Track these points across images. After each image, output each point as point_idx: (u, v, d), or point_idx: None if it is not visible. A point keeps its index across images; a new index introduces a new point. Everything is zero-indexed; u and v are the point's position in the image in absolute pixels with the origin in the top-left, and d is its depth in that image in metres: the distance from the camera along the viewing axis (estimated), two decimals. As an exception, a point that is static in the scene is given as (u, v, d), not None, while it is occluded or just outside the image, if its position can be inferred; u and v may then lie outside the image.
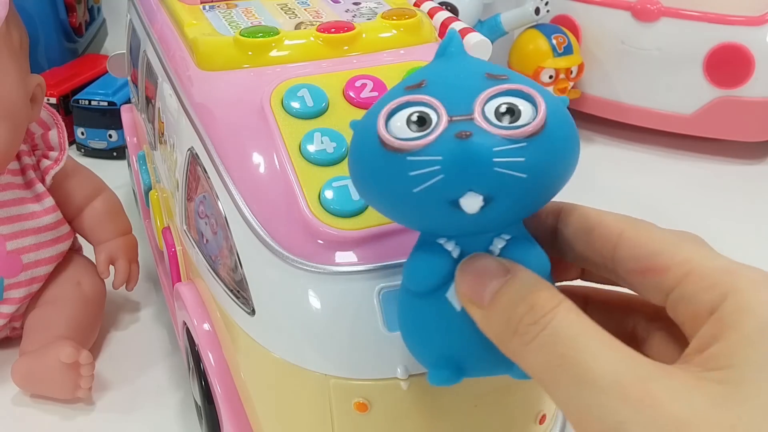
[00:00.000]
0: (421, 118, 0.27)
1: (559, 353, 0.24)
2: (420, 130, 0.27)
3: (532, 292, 0.26)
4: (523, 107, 0.27)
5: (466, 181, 0.26)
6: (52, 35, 0.91)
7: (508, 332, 0.26)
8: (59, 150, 0.55)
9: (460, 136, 0.26)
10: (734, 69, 0.78)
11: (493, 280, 0.27)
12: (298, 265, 0.34)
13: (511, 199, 0.26)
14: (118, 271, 0.57)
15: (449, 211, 0.26)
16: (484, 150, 0.25)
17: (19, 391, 0.51)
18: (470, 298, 0.27)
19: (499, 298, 0.26)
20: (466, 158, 0.25)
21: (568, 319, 0.25)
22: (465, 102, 0.27)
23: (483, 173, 0.26)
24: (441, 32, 0.46)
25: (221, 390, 0.41)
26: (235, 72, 0.41)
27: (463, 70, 0.29)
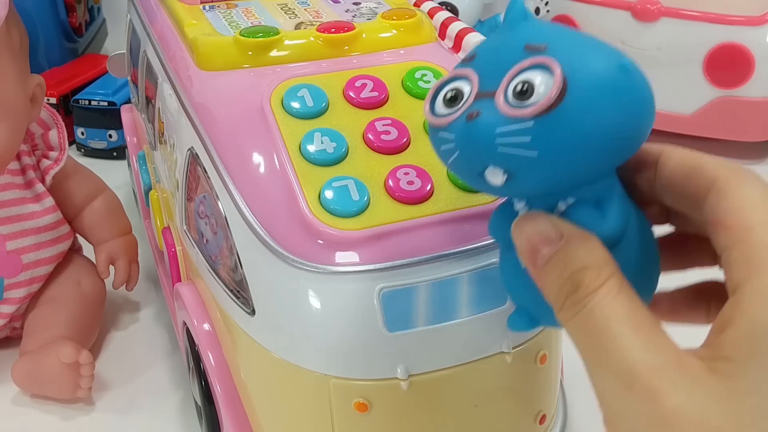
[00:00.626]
0: (454, 95, 0.28)
1: (590, 334, 0.25)
2: (452, 106, 0.28)
3: (582, 267, 0.26)
4: (540, 83, 0.26)
5: (479, 159, 0.27)
6: (52, 35, 0.91)
7: (557, 304, 0.26)
8: (59, 150, 0.55)
9: (469, 117, 0.27)
10: (734, 69, 0.78)
11: (547, 245, 0.27)
12: (298, 265, 0.34)
13: (532, 175, 0.26)
14: (118, 271, 0.57)
15: (480, 181, 0.27)
16: (487, 131, 0.26)
17: (19, 391, 0.51)
18: (524, 257, 0.28)
19: (550, 266, 0.27)
20: (471, 138, 0.27)
21: (605, 301, 0.25)
22: (499, 77, 0.27)
23: (489, 152, 0.26)
24: (441, 32, 0.46)
25: (221, 390, 0.41)
26: (235, 72, 0.41)
27: (510, 40, 0.28)
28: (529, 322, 0.31)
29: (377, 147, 0.37)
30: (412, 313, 0.34)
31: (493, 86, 0.27)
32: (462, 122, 0.27)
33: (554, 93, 0.25)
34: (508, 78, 0.26)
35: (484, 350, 0.36)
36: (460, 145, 0.27)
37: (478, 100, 0.27)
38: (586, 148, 0.26)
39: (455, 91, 0.28)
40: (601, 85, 0.26)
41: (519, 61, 0.27)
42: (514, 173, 0.26)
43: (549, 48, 0.27)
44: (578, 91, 0.25)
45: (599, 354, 0.24)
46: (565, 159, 0.26)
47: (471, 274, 0.35)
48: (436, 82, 0.30)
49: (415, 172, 0.36)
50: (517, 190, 0.28)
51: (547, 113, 0.25)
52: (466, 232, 0.35)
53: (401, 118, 0.39)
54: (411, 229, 0.35)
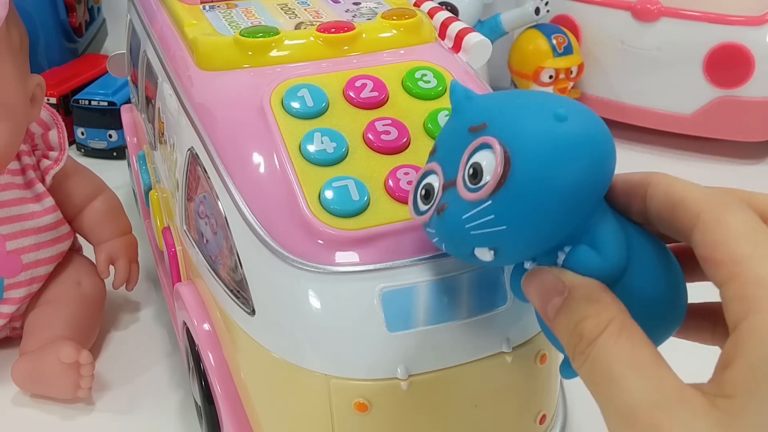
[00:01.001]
0: (427, 191, 0.31)
1: (596, 381, 0.26)
2: (427, 203, 0.31)
3: (582, 318, 0.27)
4: (487, 162, 0.27)
5: (461, 245, 0.28)
6: (52, 35, 0.91)
7: (569, 354, 0.27)
8: (59, 150, 0.55)
9: (438, 211, 0.29)
10: (734, 69, 0.78)
11: (554, 297, 0.28)
12: (298, 265, 0.34)
13: (512, 244, 0.27)
14: (118, 271, 0.57)
15: (476, 260, 0.29)
16: (456, 222, 0.28)
17: (19, 391, 0.51)
18: (540, 311, 0.29)
19: (559, 319, 0.28)
20: (446, 230, 0.29)
21: (605, 348, 0.26)
22: (455, 164, 0.29)
23: (464, 238, 0.28)
24: (441, 32, 0.46)
25: (221, 390, 0.41)
26: (235, 72, 0.41)
27: (457, 125, 0.30)
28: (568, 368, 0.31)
29: (377, 147, 0.37)
30: (412, 313, 0.34)
31: (453, 175, 0.29)
32: (435, 218, 0.29)
33: (499, 169, 0.26)
34: (463, 164, 0.28)
35: (484, 350, 0.36)
36: (441, 238, 0.30)
37: (445, 192, 0.29)
38: (550, 204, 0.26)
39: (427, 187, 0.31)
40: (542, 144, 0.26)
41: (467, 145, 0.28)
42: (498, 248, 0.28)
43: (489, 125, 0.28)
44: (521, 158, 0.26)
45: (605, 398, 0.25)
46: (535, 222, 0.27)
47: (471, 274, 0.35)
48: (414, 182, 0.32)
49: (415, 172, 0.36)
50: (509, 260, 0.29)
51: (499, 189, 0.26)
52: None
53: (401, 118, 0.39)
54: (411, 229, 0.35)
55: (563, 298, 0.27)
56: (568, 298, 0.27)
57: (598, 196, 0.27)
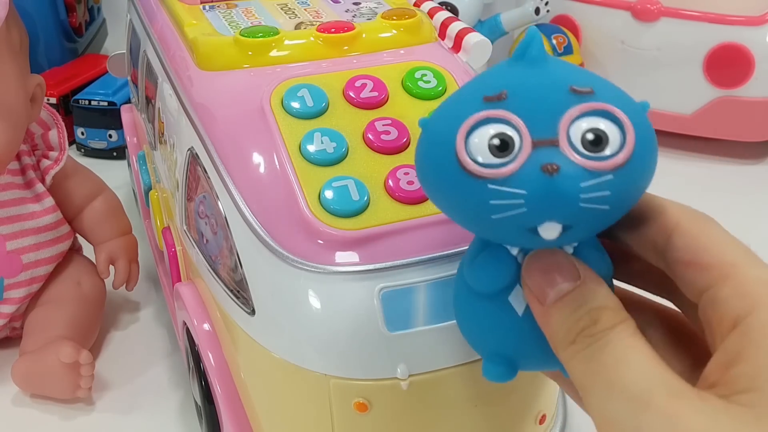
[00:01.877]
0: (504, 141, 0.25)
1: (602, 363, 0.25)
2: (502, 155, 0.25)
3: (601, 306, 0.26)
4: (610, 132, 0.25)
5: (548, 215, 0.25)
6: (52, 35, 0.91)
7: (565, 339, 0.26)
8: (59, 150, 0.55)
9: (546, 170, 0.24)
10: (734, 69, 0.78)
11: (564, 281, 0.26)
12: (298, 265, 0.34)
13: (590, 227, 0.26)
14: (118, 271, 0.57)
15: (525, 235, 0.26)
16: (571, 186, 0.24)
17: (19, 391, 0.51)
18: (535, 292, 0.27)
19: (565, 302, 0.26)
20: (552, 194, 0.24)
21: (622, 336, 0.25)
22: (549, 122, 0.25)
23: (568, 208, 0.24)
24: (441, 32, 0.46)
25: (221, 390, 0.41)
26: (235, 72, 0.41)
27: (546, 80, 0.26)
28: (508, 369, 0.30)
29: (377, 147, 0.37)
30: (411, 313, 0.34)
31: (549, 133, 0.25)
32: (536, 175, 0.24)
33: (632, 145, 0.25)
34: (565, 124, 0.25)
35: (484, 350, 0.36)
36: (533, 201, 0.24)
37: (537, 149, 0.25)
38: (639, 195, 0.26)
39: (504, 137, 0.25)
40: (651, 134, 0.26)
41: (568, 105, 0.25)
42: (573, 227, 0.25)
43: (596, 93, 0.26)
44: (641, 142, 0.25)
45: (612, 379, 0.24)
46: (624, 210, 0.26)
47: (471, 274, 0.35)
48: (461, 124, 0.26)
49: (415, 172, 0.36)
50: (560, 242, 0.26)
51: (622, 166, 0.24)
52: (466, 232, 0.35)
53: (401, 118, 0.39)
54: (411, 229, 0.35)
55: (575, 285, 0.26)
56: (582, 285, 0.26)
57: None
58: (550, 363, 0.29)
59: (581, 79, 0.26)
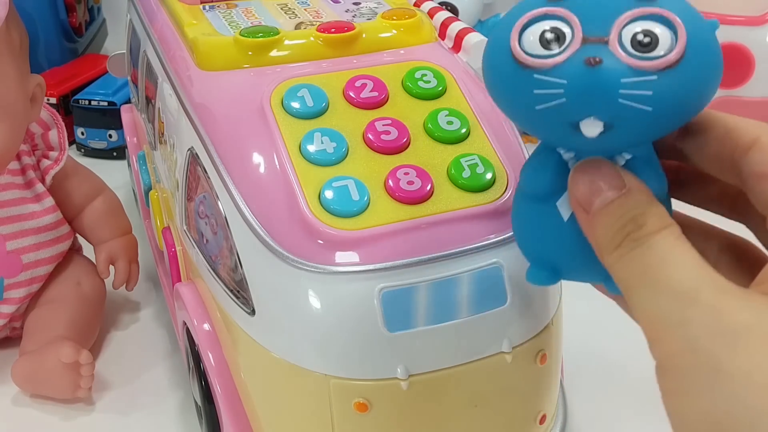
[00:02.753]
0: (556, 35, 0.26)
1: (647, 263, 0.25)
2: (552, 48, 0.26)
3: (646, 212, 0.26)
4: (662, 35, 0.25)
5: (587, 108, 0.25)
6: (52, 35, 0.91)
7: (611, 244, 0.26)
8: (59, 150, 0.55)
9: (589, 62, 0.25)
10: (734, 69, 0.78)
11: (610, 190, 0.27)
12: (298, 265, 0.34)
13: (634, 128, 0.26)
14: (118, 271, 0.57)
15: (569, 131, 0.26)
16: (611, 80, 0.25)
17: (19, 391, 0.51)
18: (581, 200, 0.28)
19: (609, 210, 0.27)
20: (591, 86, 0.25)
21: (667, 240, 0.25)
22: (604, 22, 0.26)
23: (606, 103, 0.25)
24: (441, 32, 0.46)
25: (221, 390, 0.41)
26: (235, 72, 0.41)
27: None
28: (551, 275, 0.30)
29: (377, 147, 0.37)
30: (412, 313, 0.34)
31: (601, 32, 0.26)
32: (578, 67, 0.25)
33: (681, 48, 0.25)
34: (619, 25, 0.26)
35: (484, 350, 0.36)
36: (572, 92, 0.25)
37: (585, 45, 0.26)
38: (691, 106, 0.26)
39: (557, 31, 0.26)
40: (711, 44, 0.26)
41: (627, 8, 0.26)
42: (616, 126, 0.26)
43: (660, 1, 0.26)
44: (695, 51, 0.25)
45: (658, 278, 0.24)
46: (672, 116, 0.26)
47: (471, 274, 0.35)
48: (520, 16, 0.27)
49: (415, 172, 0.36)
50: (605, 144, 0.27)
51: (671, 69, 0.25)
52: (466, 232, 0.35)
53: (401, 118, 0.39)
54: (411, 229, 0.35)
55: (621, 193, 0.27)
56: (627, 193, 0.27)
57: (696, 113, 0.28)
58: (592, 274, 0.29)
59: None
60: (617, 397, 0.50)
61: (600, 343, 0.46)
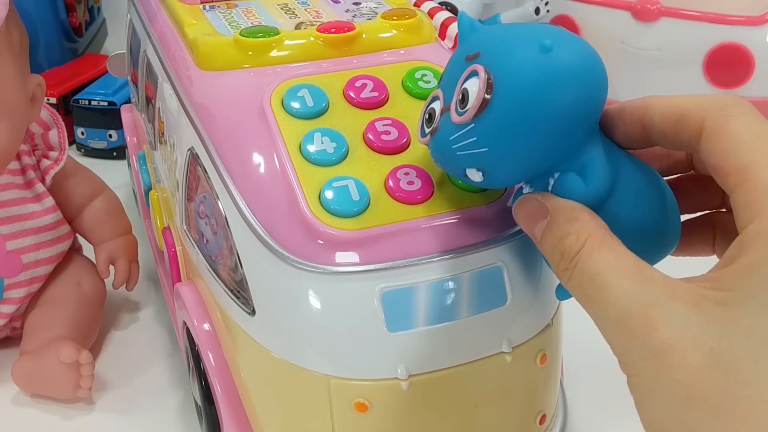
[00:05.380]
0: (430, 115, 0.32)
1: (584, 292, 0.27)
2: (429, 126, 0.32)
3: (562, 236, 0.28)
4: (472, 88, 0.28)
5: (452, 165, 0.30)
6: (52, 35, 0.91)
7: (555, 273, 0.29)
8: (59, 150, 0.55)
9: (431, 133, 0.31)
10: (734, 69, 0.78)
11: (540, 220, 0.29)
12: (298, 265, 0.34)
13: (496, 167, 0.29)
14: (118, 271, 0.57)
15: (469, 180, 0.31)
16: (444, 142, 0.30)
17: (19, 391, 0.51)
18: (528, 233, 0.31)
19: (544, 240, 0.29)
20: (438, 151, 0.31)
21: (588, 261, 0.27)
22: (452, 91, 0.30)
23: (452, 159, 0.30)
24: (441, 32, 0.46)
25: (221, 390, 0.41)
26: (235, 72, 0.41)
27: (457, 55, 0.31)
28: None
29: (377, 147, 0.37)
30: (412, 313, 0.34)
31: (450, 100, 0.30)
32: (430, 139, 0.32)
33: (480, 94, 0.28)
34: (457, 90, 0.30)
35: (484, 350, 0.36)
36: (436, 157, 0.32)
37: (442, 116, 0.31)
38: (528, 131, 0.28)
39: (431, 111, 0.32)
40: (523, 73, 0.27)
41: (462, 72, 0.30)
42: (485, 169, 0.29)
43: (482, 54, 0.29)
44: (503, 86, 0.27)
45: (596, 306, 0.26)
46: (514, 146, 0.28)
47: (471, 274, 0.35)
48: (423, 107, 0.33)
49: (415, 172, 0.36)
50: (498, 182, 0.31)
51: (481, 113, 0.28)
52: (466, 232, 0.35)
53: (401, 118, 0.39)
54: (411, 229, 0.35)
55: (547, 221, 0.29)
56: (550, 220, 0.29)
57: (586, 125, 0.29)
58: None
59: (477, 45, 0.30)
60: (617, 397, 0.49)
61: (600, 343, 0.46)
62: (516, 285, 0.36)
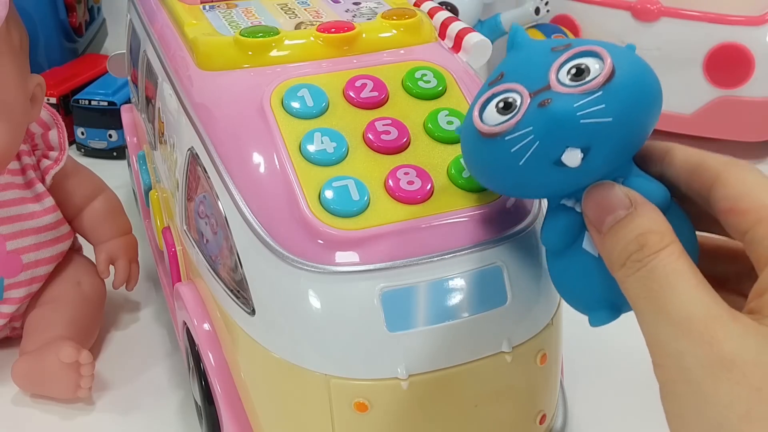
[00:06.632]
0: (507, 103, 0.30)
1: (648, 287, 0.27)
2: (508, 113, 0.30)
3: (647, 231, 0.28)
4: (590, 63, 0.29)
5: (560, 140, 0.28)
6: (52, 35, 0.91)
7: (618, 262, 0.28)
8: (59, 150, 0.55)
9: (542, 104, 0.29)
10: (734, 69, 0.78)
11: (618, 209, 0.29)
12: (298, 265, 0.34)
13: (607, 144, 0.29)
14: (118, 271, 0.57)
15: (556, 171, 0.29)
16: (567, 109, 0.28)
17: (19, 391, 0.51)
18: (594, 222, 0.30)
19: (618, 229, 0.29)
20: (553, 121, 0.29)
21: (667, 260, 0.27)
22: (540, 76, 0.30)
23: (573, 129, 0.28)
24: (441, 32, 0.46)
25: (221, 390, 0.41)
26: (235, 72, 0.41)
27: (532, 52, 0.32)
28: (612, 312, 0.31)
29: (377, 147, 0.37)
30: (412, 313, 0.34)
31: (542, 83, 0.30)
32: (536, 112, 0.29)
33: (610, 64, 0.29)
34: (554, 72, 0.29)
35: (484, 350, 0.36)
36: (540, 133, 0.29)
37: (535, 97, 0.29)
38: (645, 111, 0.29)
39: (507, 99, 0.30)
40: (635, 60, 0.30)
41: (554, 58, 0.30)
42: (593, 148, 0.28)
43: (573, 44, 0.30)
44: (622, 63, 0.29)
45: (658, 304, 0.26)
46: (633, 121, 0.29)
47: (471, 274, 0.35)
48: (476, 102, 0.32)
49: (415, 172, 0.36)
50: (589, 167, 0.29)
51: (610, 81, 0.28)
52: (466, 232, 0.35)
53: (401, 118, 0.39)
54: (411, 229, 0.35)
55: (628, 212, 0.28)
56: (634, 212, 0.28)
57: (652, 129, 0.30)
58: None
59: (559, 42, 0.31)
60: (617, 397, 0.50)
61: (600, 343, 0.46)
62: (516, 285, 0.36)
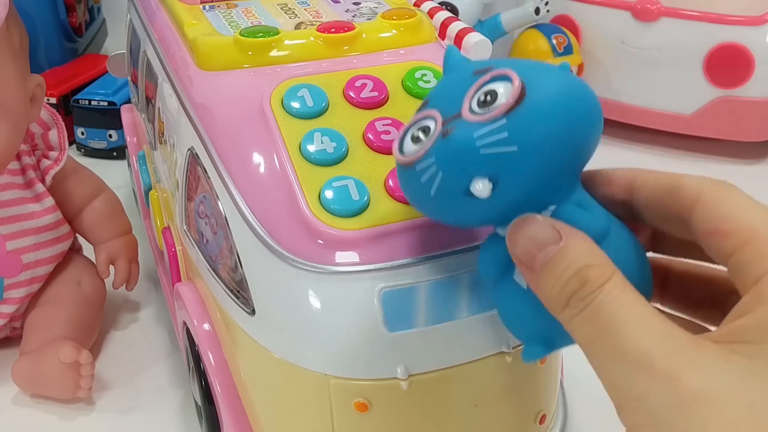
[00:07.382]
0: (423, 130, 0.30)
1: (599, 327, 0.25)
2: (420, 142, 0.30)
3: (585, 266, 0.26)
4: (501, 89, 0.28)
5: (463, 171, 0.27)
6: (52, 35, 0.91)
7: (560, 303, 0.26)
8: (59, 150, 0.55)
9: (444, 134, 0.28)
10: (734, 69, 0.78)
11: (549, 245, 0.27)
12: (298, 265, 0.34)
13: (517, 173, 0.27)
14: (118, 271, 0.57)
15: (469, 201, 0.28)
16: (466, 138, 0.27)
17: (19, 391, 0.51)
18: (522, 259, 0.28)
19: (552, 266, 0.27)
20: (453, 151, 0.28)
21: (612, 295, 0.25)
22: (457, 103, 0.29)
23: (473, 159, 0.27)
24: (441, 32, 0.46)
25: (221, 390, 0.41)
26: (235, 72, 0.41)
27: (456, 76, 0.31)
28: (544, 347, 0.30)
29: (377, 147, 0.37)
30: (412, 313, 0.34)
31: (455, 111, 0.28)
32: (438, 143, 0.28)
33: (517, 89, 0.27)
34: (469, 97, 0.28)
35: (484, 350, 0.36)
36: (442, 164, 0.28)
37: (445, 126, 0.28)
38: (558, 135, 0.27)
39: (423, 127, 0.30)
40: (553, 79, 0.28)
41: (471, 83, 0.29)
42: (499, 178, 0.27)
43: (494, 67, 0.29)
44: (535, 87, 0.27)
45: (612, 344, 0.25)
46: (542, 150, 0.27)
47: (471, 274, 0.35)
48: (399, 133, 0.31)
49: (415, 172, 0.36)
50: (506, 196, 0.27)
51: (516, 108, 0.27)
52: (466, 231, 0.35)
53: (401, 118, 0.39)
54: (411, 229, 0.35)
55: (559, 247, 0.27)
56: (565, 245, 0.27)
57: (588, 155, 0.29)
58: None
59: (485, 63, 0.30)
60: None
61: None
62: (516, 285, 0.36)
